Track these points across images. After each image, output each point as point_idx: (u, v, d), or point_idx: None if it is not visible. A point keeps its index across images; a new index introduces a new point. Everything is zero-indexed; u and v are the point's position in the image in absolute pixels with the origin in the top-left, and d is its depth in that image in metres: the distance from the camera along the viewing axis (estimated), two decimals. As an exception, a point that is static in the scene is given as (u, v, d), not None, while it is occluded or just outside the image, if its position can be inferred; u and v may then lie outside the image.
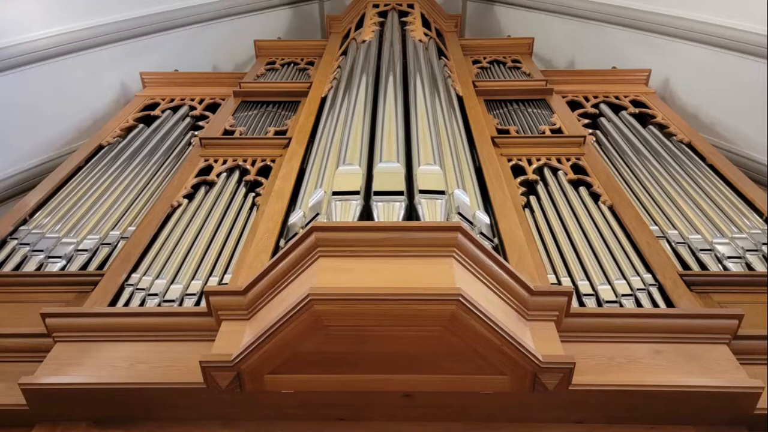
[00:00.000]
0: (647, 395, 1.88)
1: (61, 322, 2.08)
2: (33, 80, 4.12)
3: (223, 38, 5.40)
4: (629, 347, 2.00)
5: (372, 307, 1.74)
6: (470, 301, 1.74)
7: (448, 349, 1.80)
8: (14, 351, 2.13)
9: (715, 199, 3.05)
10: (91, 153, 3.74)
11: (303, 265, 1.93)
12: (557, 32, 5.36)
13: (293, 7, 5.98)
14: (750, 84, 3.89)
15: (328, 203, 2.39)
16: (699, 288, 2.42)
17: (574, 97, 4.20)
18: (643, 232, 2.70)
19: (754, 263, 2.58)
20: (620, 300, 2.35)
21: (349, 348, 1.81)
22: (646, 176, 3.27)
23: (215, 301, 2.01)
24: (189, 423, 1.98)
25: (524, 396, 1.89)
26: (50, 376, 1.93)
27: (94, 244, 2.80)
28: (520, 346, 1.78)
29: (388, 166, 2.56)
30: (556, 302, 1.99)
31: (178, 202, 3.06)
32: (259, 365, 1.83)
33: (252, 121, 3.95)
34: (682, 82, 4.41)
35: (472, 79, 4.20)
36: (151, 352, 2.01)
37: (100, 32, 4.44)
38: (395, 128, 2.91)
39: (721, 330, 2.02)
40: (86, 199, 3.16)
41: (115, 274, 2.51)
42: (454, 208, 2.39)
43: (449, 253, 1.90)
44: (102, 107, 4.58)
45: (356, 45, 4.42)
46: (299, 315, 1.74)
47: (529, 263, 2.32)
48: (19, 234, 2.89)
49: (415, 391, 1.91)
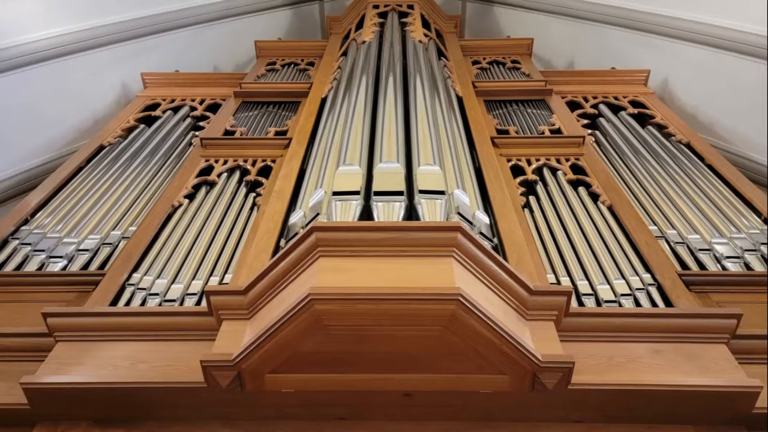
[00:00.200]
0: (646, 395, 1.88)
1: (62, 322, 2.08)
2: (34, 81, 4.12)
3: (224, 39, 5.40)
4: (628, 347, 2.00)
5: (372, 307, 1.74)
6: (470, 301, 1.74)
7: (448, 349, 1.80)
8: (15, 350, 2.13)
9: (714, 200, 3.05)
10: (92, 153, 3.73)
11: (303, 264, 1.93)
12: (556, 33, 5.35)
13: (294, 8, 5.98)
14: (749, 84, 3.88)
15: (329, 203, 2.39)
16: (698, 288, 2.42)
17: (573, 97, 4.19)
18: (642, 232, 2.70)
19: (753, 263, 2.58)
20: (619, 300, 2.35)
21: (350, 347, 1.81)
22: (645, 176, 3.27)
23: (216, 300, 2.01)
24: (190, 422, 1.98)
25: (524, 395, 1.89)
26: (51, 376, 1.93)
27: (96, 244, 2.80)
28: (520, 345, 1.78)
29: (388, 167, 2.56)
30: (556, 302, 1.99)
31: (179, 202, 3.06)
32: (260, 365, 1.83)
33: (252, 121, 3.95)
34: (681, 82, 4.41)
35: (472, 80, 4.20)
36: (152, 351, 2.01)
37: (101, 33, 4.44)
38: (395, 128, 2.91)
39: (719, 329, 2.02)
40: (87, 199, 3.16)
41: (116, 274, 2.51)
42: (453, 208, 2.39)
43: (449, 253, 1.89)
44: (103, 108, 4.58)
45: (356, 46, 4.42)
46: (300, 315, 1.74)
47: (528, 263, 2.32)
48: (21, 234, 2.89)
49: (415, 390, 1.91)
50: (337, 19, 5.36)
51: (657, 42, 4.49)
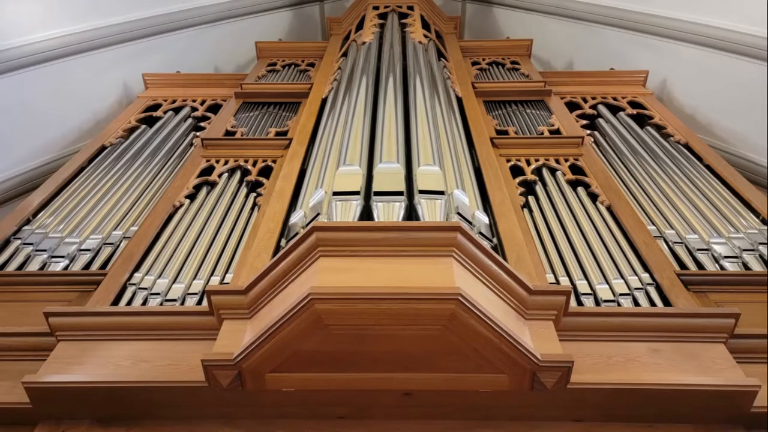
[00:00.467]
0: (645, 394, 1.88)
1: (63, 321, 2.08)
2: (35, 82, 4.11)
3: (225, 40, 5.40)
4: (627, 346, 2.00)
5: (372, 307, 1.74)
6: (469, 301, 1.74)
7: (448, 348, 1.80)
8: (17, 350, 2.13)
9: (712, 200, 3.05)
10: (93, 153, 3.73)
11: (304, 264, 1.93)
12: (556, 34, 5.35)
13: (294, 9, 5.97)
14: (747, 85, 3.88)
15: (329, 203, 2.39)
16: (696, 287, 2.42)
17: (572, 98, 4.19)
18: (640, 232, 2.70)
19: (751, 263, 2.58)
20: (618, 299, 2.35)
21: (350, 347, 1.81)
22: (644, 176, 3.27)
23: (217, 300, 2.01)
24: (191, 421, 1.98)
25: (523, 394, 1.89)
26: (53, 375, 1.93)
27: (97, 244, 2.80)
28: (519, 345, 1.78)
29: (388, 167, 2.56)
30: (555, 301, 1.99)
31: (180, 203, 3.06)
32: (260, 364, 1.83)
33: (253, 121, 3.95)
34: (680, 83, 4.41)
35: (472, 81, 4.20)
36: (153, 350, 2.01)
37: (102, 34, 4.43)
38: (395, 129, 2.91)
39: (718, 329, 2.02)
40: (89, 199, 3.16)
41: (117, 274, 2.51)
42: (453, 208, 2.39)
43: (449, 253, 1.89)
44: (104, 108, 4.57)
45: (356, 46, 4.42)
46: (300, 314, 1.74)
47: (527, 263, 2.32)
48: (23, 234, 2.89)
49: (415, 389, 1.91)
50: (337, 20, 5.36)
51: (655, 43, 4.49)
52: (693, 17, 4.16)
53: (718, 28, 4.00)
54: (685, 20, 4.21)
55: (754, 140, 3.93)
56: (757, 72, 3.81)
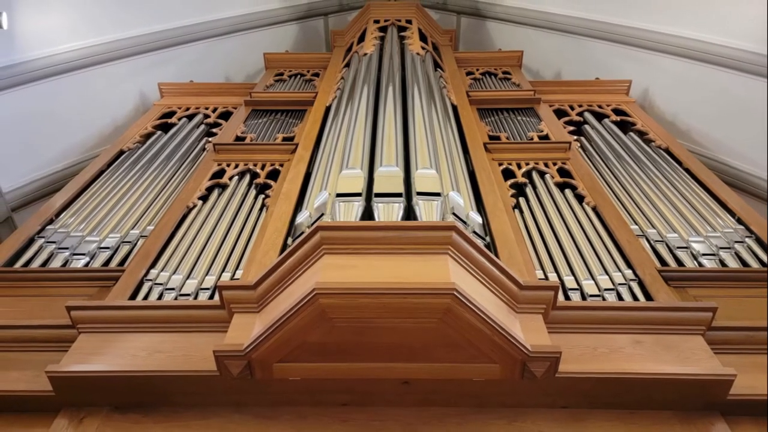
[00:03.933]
0: (628, 382, 1.88)
1: (84, 315, 2.08)
2: (59, 90, 4.12)
3: (235, 51, 5.40)
4: (611, 338, 2.01)
5: (373, 301, 1.74)
6: (464, 295, 1.74)
7: (444, 340, 1.80)
8: (41, 341, 2.13)
9: (691, 201, 3.05)
10: (112, 158, 3.74)
11: (309, 261, 1.93)
12: (545, 46, 5.35)
13: (300, 23, 5.98)
14: (723, 93, 3.89)
15: (332, 204, 2.39)
16: (676, 283, 2.42)
17: (560, 105, 4.19)
18: (624, 231, 2.70)
19: (727, 260, 2.58)
20: (603, 294, 2.35)
21: (352, 339, 1.81)
22: (627, 179, 3.27)
23: (227, 295, 2.01)
24: (203, 408, 1.98)
25: (514, 383, 1.89)
26: (75, 365, 1.93)
27: (116, 242, 2.80)
28: (510, 336, 1.78)
29: (388, 170, 2.55)
30: (544, 296, 1.99)
31: (194, 203, 3.06)
32: (269, 354, 1.83)
33: (262, 128, 3.95)
34: (661, 92, 4.41)
35: (466, 90, 4.20)
36: (168, 342, 2.01)
37: (121, 46, 4.45)
38: (394, 135, 2.91)
39: (696, 322, 2.02)
40: (108, 201, 3.16)
41: (135, 270, 2.52)
42: (449, 208, 2.39)
43: (444, 251, 1.89)
44: (122, 115, 4.59)
45: (358, 58, 4.42)
46: (305, 308, 1.74)
47: (518, 260, 2.32)
48: (46, 233, 2.90)
49: (413, 378, 1.91)
50: (340, 33, 5.37)
51: (638, 54, 4.49)
52: (674, 30, 4.16)
53: (697, 40, 4.00)
54: (666, 33, 4.22)
55: (729, 145, 3.93)
56: (732, 81, 3.82)
